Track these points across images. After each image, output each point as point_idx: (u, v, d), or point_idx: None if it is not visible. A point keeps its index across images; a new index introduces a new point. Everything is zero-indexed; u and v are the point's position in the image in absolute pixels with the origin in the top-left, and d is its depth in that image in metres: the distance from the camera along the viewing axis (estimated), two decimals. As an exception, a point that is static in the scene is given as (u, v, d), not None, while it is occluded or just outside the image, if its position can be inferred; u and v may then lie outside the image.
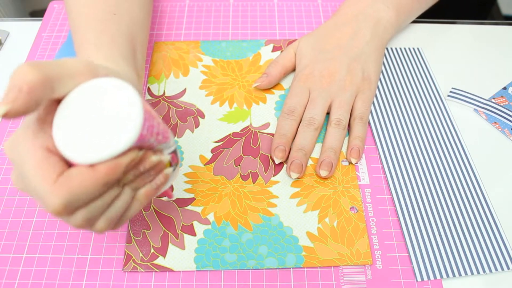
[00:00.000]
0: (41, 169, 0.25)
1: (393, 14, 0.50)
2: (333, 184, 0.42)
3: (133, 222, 0.39)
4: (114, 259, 0.38)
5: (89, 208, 0.27)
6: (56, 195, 0.25)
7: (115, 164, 0.26)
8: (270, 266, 0.37)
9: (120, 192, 0.28)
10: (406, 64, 0.52)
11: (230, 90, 0.49)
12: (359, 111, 0.45)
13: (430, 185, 0.42)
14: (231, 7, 0.58)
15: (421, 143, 0.45)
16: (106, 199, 0.27)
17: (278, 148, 0.42)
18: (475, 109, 0.48)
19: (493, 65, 0.52)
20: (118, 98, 0.26)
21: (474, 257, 0.38)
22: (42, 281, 0.37)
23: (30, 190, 0.27)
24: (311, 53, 0.49)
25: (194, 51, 0.53)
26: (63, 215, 0.26)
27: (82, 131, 0.26)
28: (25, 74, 0.24)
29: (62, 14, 0.58)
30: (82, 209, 0.27)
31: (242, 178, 0.42)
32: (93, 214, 0.27)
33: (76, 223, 0.27)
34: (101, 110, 0.26)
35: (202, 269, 0.37)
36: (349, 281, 0.37)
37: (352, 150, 0.43)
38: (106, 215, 0.28)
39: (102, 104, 0.26)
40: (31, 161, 0.25)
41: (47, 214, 0.40)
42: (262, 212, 0.40)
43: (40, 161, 0.25)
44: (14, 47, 0.54)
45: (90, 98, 0.26)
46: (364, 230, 0.39)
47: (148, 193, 0.30)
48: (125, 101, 0.26)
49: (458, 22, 0.57)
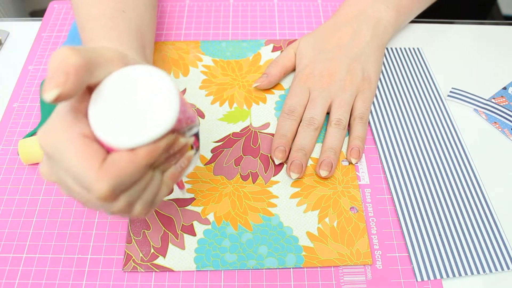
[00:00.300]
0: (84, 157, 0.25)
1: (393, 14, 0.50)
2: (333, 184, 0.42)
3: (133, 222, 0.39)
4: (114, 259, 0.38)
5: (131, 192, 0.27)
6: (103, 181, 0.25)
7: (154, 148, 0.26)
8: (270, 266, 0.37)
9: (153, 176, 0.29)
10: (406, 64, 0.52)
11: (230, 90, 0.49)
12: (359, 111, 0.45)
13: (430, 185, 0.42)
14: (231, 7, 0.58)
15: (421, 143, 0.45)
16: (143, 183, 0.28)
17: (278, 148, 0.42)
18: (475, 109, 0.48)
19: (493, 65, 0.52)
20: (153, 84, 0.27)
21: (474, 257, 0.38)
22: (42, 281, 0.37)
23: (67, 180, 0.27)
24: (311, 53, 0.49)
25: (194, 51, 0.53)
26: (109, 200, 0.26)
27: (119, 116, 0.26)
28: (67, 57, 0.24)
29: (62, 14, 0.58)
30: (124, 193, 0.27)
31: (242, 178, 0.42)
32: (133, 197, 0.28)
33: (118, 207, 0.27)
34: (136, 96, 0.27)
35: (202, 269, 0.37)
36: (349, 281, 0.37)
37: (352, 150, 0.43)
38: (142, 199, 0.29)
39: (137, 90, 0.27)
40: (72, 150, 0.25)
41: (47, 214, 0.40)
42: (262, 212, 0.40)
43: (82, 149, 0.25)
44: (14, 47, 0.54)
45: (125, 85, 0.27)
46: (364, 230, 0.39)
47: (174, 176, 0.30)
48: (160, 86, 0.27)
49: (458, 22, 0.57)
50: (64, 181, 0.27)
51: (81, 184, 0.26)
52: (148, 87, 0.27)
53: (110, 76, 0.27)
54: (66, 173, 0.26)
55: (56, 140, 0.26)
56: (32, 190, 0.42)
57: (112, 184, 0.25)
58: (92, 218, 0.40)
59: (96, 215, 0.40)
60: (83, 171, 0.25)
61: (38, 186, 0.42)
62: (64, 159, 0.26)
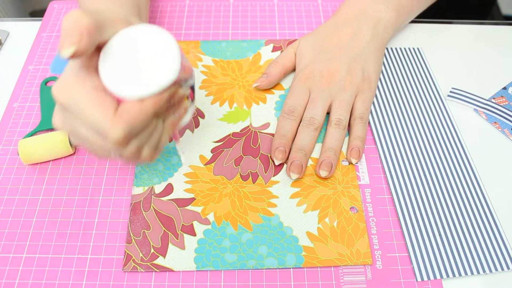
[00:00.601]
0: (99, 107, 0.28)
1: (393, 14, 0.50)
2: (333, 184, 0.42)
3: (133, 222, 0.39)
4: (114, 259, 0.38)
5: (140, 137, 0.31)
6: (117, 127, 0.28)
7: (159, 98, 0.30)
8: (270, 266, 0.37)
9: (157, 123, 0.32)
10: (406, 64, 0.52)
11: (230, 90, 0.49)
12: (359, 111, 0.45)
13: (430, 185, 0.42)
14: (231, 7, 0.58)
15: (421, 143, 0.45)
16: (150, 129, 0.31)
17: (278, 149, 0.42)
18: (475, 109, 0.48)
19: (493, 65, 0.52)
20: (156, 41, 0.30)
21: (474, 257, 0.38)
22: (42, 281, 0.37)
23: (81, 129, 0.30)
24: (311, 53, 0.49)
25: (194, 51, 0.53)
26: (123, 144, 0.30)
27: (128, 71, 0.29)
28: (80, 19, 0.27)
29: (62, 14, 0.58)
30: (135, 138, 0.30)
31: (242, 178, 0.42)
32: (142, 142, 0.31)
33: (129, 151, 0.31)
34: (142, 52, 0.30)
35: (202, 269, 0.37)
36: (349, 281, 0.37)
37: (352, 150, 0.43)
38: (149, 144, 0.32)
39: (142, 47, 0.30)
40: (87, 100, 0.29)
41: (47, 214, 0.40)
42: (262, 212, 0.40)
43: (97, 100, 0.29)
44: (14, 47, 0.54)
45: (130, 42, 0.30)
46: (364, 230, 0.39)
47: (173, 124, 0.34)
48: (163, 43, 0.30)
49: (458, 22, 0.57)
50: (78, 130, 0.31)
51: (97, 132, 0.29)
52: (152, 43, 0.30)
53: (116, 35, 0.30)
54: (82, 123, 0.30)
55: (73, 92, 0.29)
56: (32, 190, 0.42)
57: (126, 130, 0.29)
58: (92, 218, 0.40)
59: (96, 216, 0.40)
60: (99, 119, 0.28)
61: (38, 186, 0.42)
62: (81, 109, 0.29)
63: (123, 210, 0.40)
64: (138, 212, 0.40)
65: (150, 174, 0.42)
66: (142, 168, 0.43)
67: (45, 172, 0.43)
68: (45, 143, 0.42)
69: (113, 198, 0.41)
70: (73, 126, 0.31)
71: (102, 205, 0.41)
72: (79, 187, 0.42)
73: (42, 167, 0.43)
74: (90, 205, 0.41)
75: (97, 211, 0.40)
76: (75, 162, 0.43)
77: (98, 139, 0.30)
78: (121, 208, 0.40)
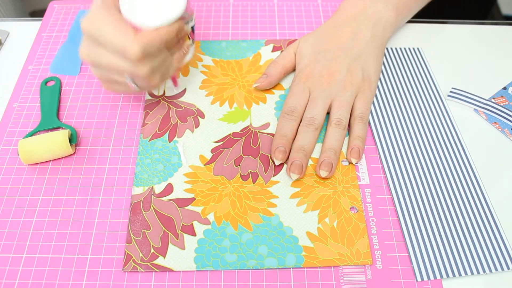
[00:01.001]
0: (121, 30, 0.36)
1: (393, 14, 0.50)
2: (333, 184, 0.42)
3: (133, 222, 0.39)
4: (114, 259, 0.38)
5: (154, 60, 0.38)
6: (137, 45, 0.36)
7: (171, 28, 0.38)
8: (270, 266, 0.37)
9: (166, 55, 0.39)
10: (406, 64, 0.52)
11: (230, 90, 0.49)
12: (359, 111, 0.45)
13: (430, 185, 0.42)
14: (231, 7, 0.58)
15: (421, 143, 0.45)
16: (161, 57, 0.39)
17: (278, 149, 0.42)
18: (475, 109, 0.48)
19: (493, 65, 0.52)
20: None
21: (474, 257, 0.38)
22: (42, 281, 0.37)
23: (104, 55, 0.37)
24: (311, 53, 0.49)
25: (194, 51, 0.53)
26: (140, 60, 0.36)
27: (144, 5, 0.38)
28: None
29: (62, 14, 0.58)
30: (149, 59, 0.37)
31: (242, 178, 0.42)
32: (155, 65, 0.38)
33: (144, 71, 0.37)
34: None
35: (202, 269, 0.37)
36: (349, 281, 0.37)
37: (352, 150, 0.43)
38: (159, 70, 0.39)
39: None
40: (111, 26, 0.36)
41: (47, 214, 0.40)
42: (262, 212, 0.40)
43: (119, 26, 0.36)
44: (14, 47, 0.54)
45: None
46: (364, 230, 0.39)
47: (178, 58, 0.41)
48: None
49: (458, 22, 0.57)
50: (101, 57, 0.38)
51: (118, 52, 0.36)
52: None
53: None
54: (105, 49, 0.37)
55: (99, 23, 0.36)
56: (32, 190, 0.42)
57: (144, 47, 0.36)
58: (92, 218, 0.40)
59: (96, 216, 0.40)
60: (122, 40, 0.36)
61: (38, 186, 0.42)
62: (106, 35, 0.36)
63: (123, 210, 0.40)
64: (138, 212, 0.40)
65: (150, 174, 0.42)
66: (142, 168, 0.43)
67: (45, 172, 0.43)
68: (45, 143, 0.42)
69: (113, 198, 0.41)
70: (97, 53, 0.38)
71: (102, 205, 0.41)
72: (79, 187, 0.42)
73: (42, 167, 0.43)
74: (90, 205, 0.41)
75: (97, 211, 0.40)
76: (75, 162, 0.43)
77: (119, 60, 0.37)
78: (121, 208, 0.40)
